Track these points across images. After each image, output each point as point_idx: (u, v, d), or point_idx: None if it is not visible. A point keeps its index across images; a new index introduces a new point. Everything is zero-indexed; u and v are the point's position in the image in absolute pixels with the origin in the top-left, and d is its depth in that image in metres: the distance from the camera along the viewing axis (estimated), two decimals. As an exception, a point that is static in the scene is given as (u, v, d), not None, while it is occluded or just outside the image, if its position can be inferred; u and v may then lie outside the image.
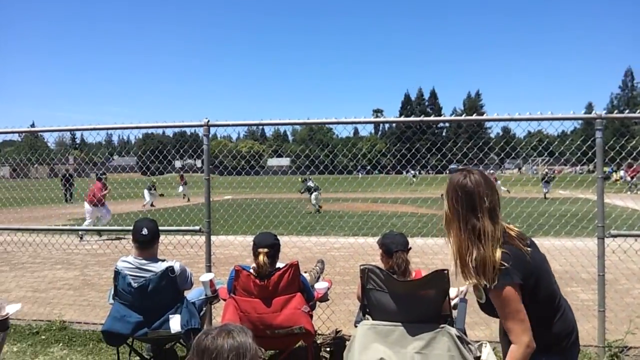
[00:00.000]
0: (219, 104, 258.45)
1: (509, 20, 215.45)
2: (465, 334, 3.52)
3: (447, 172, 7.94)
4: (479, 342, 3.59)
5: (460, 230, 2.15)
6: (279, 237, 4.02)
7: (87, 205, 13.19)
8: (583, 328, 5.06)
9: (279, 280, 3.79)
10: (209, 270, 5.12)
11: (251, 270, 3.85)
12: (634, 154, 6.05)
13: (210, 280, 4.26)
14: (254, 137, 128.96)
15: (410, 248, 3.66)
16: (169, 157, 8.31)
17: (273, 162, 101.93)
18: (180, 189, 26.83)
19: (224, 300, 4.07)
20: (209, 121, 5.13)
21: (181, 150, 7.89)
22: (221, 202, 22.60)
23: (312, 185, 20.06)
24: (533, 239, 2.35)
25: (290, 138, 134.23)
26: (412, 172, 28.93)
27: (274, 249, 3.89)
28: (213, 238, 5.47)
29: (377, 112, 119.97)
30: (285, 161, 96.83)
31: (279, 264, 3.96)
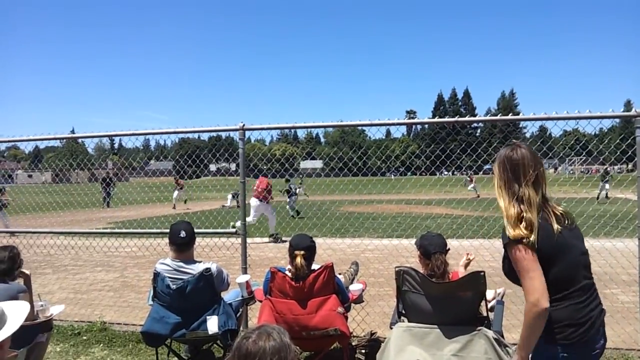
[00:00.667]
0: (252, 108, 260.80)
1: (543, 19, 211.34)
2: (502, 336, 3.48)
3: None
4: (516, 344, 3.55)
5: (507, 195, 2.36)
6: (318, 239, 4.05)
7: (254, 201, 12.83)
8: (624, 331, 4.95)
9: (314, 282, 3.82)
10: (244, 272, 5.19)
11: (287, 272, 3.90)
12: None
13: (247, 282, 4.32)
14: (287, 140, 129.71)
15: (449, 249, 3.64)
16: (206, 161, 8.45)
17: (306, 164, 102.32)
18: (176, 193, 24.97)
19: (260, 301, 4.12)
20: (244, 125, 5.21)
21: (217, 154, 8.01)
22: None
23: (292, 188, 19.49)
24: None
25: (323, 140, 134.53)
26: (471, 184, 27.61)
27: (310, 251, 3.93)
28: (248, 240, 5.54)
29: (410, 113, 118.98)
30: (318, 163, 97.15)
31: (314, 266, 3.99)
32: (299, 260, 3.80)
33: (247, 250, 5.35)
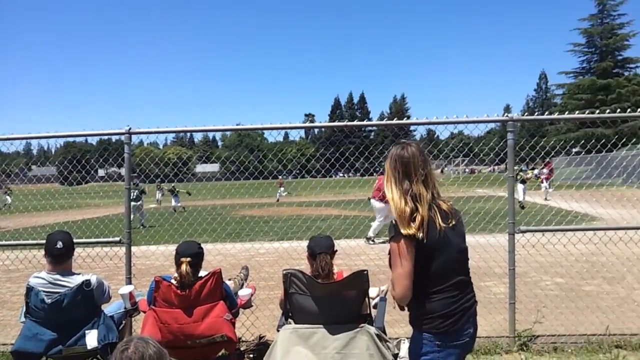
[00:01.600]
0: (143, 110, 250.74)
1: (432, 25, 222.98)
2: (384, 332, 3.63)
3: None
4: (397, 339, 3.72)
5: (398, 191, 2.43)
6: (203, 245, 3.99)
7: (376, 203, 11.91)
8: (495, 320, 5.36)
9: (201, 289, 3.76)
10: (129, 282, 5.00)
11: (172, 281, 3.80)
12: (542, 153, 6.43)
13: (130, 293, 4.16)
14: (182, 143, 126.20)
15: (336, 251, 3.72)
16: (89, 166, 8.02)
17: (201, 168, 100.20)
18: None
19: (144, 312, 3.99)
20: (130, 129, 5.02)
21: (102, 159, 7.62)
22: (145, 210, 21.99)
23: (174, 189, 22.69)
24: None
25: (220, 143, 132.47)
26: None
27: (197, 258, 3.86)
28: (134, 249, 5.34)
29: (309, 116, 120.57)
30: (214, 167, 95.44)
31: (202, 273, 3.93)
32: (184, 267, 3.72)
33: (131, 259, 5.15)
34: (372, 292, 3.89)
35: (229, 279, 4.66)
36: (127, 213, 5.18)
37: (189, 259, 3.77)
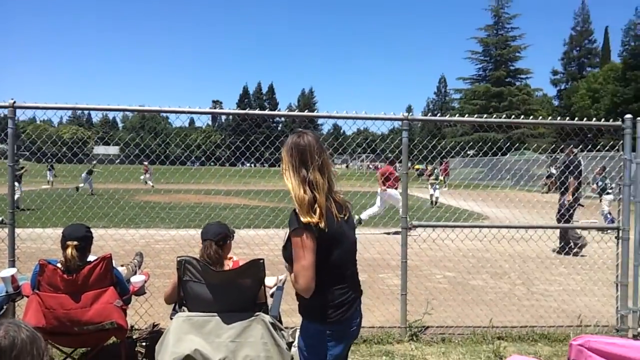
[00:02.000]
0: (36, 86, 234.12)
1: (344, 24, 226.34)
2: (280, 320, 3.67)
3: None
4: (293, 327, 3.77)
5: (295, 179, 2.44)
6: (98, 229, 3.82)
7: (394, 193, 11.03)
8: (388, 310, 5.58)
9: (90, 274, 3.60)
10: (12, 265, 4.68)
11: (58, 264, 3.62)
12: (443, 152, 6.74)
13: (12, 276, 3.90)
14: (79, 123, 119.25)
15: (227, 237, 3.67)
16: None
17: (100, 150, 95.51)
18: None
19: (28, 296, 3.76)
20: (14, 102, 4.68)
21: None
22: (38, 191, 20.68)
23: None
24: (355, 229, 2.68)
25: (120, 125, 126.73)
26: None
27: (85, 242, 3.70)
28: (21, 231, 5.01)
29: (216, 102, 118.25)
30: (113, 149, 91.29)
31: (92, 257, 3.77)
32: (69, 251, 3.54)
33: (15, 241, 4.82)
34: (270, 281, 3.91)
35: (122, 265, 4.50)
36: (10, 192, 4.85)
37: (75, 242, 3.60)
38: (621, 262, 5.30)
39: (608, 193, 13.24)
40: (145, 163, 26.55)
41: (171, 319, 3.59)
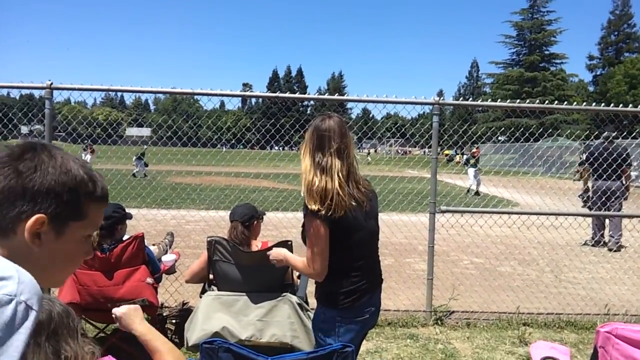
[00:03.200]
0: (73, 67, 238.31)
1: (375, 3, 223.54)
2: (306, 301, 3.73)
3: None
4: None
5: (309, 162, 2.43)
6: (133, 209, 3.92)
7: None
8: (414, 295, 5.61)
9: (122, 253, 3.71)
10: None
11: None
12: (474, 138, 6.68)
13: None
14: (112, 105, 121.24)
15: (254, 218, 3.74)
16: (15, 121, 7.60)
17: (132, 131, 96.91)
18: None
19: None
20: (52, 83, 4.80)
21: (29, 114, 7.22)
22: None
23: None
24: (383, 213, 2.65)
25: (152, 107, 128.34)
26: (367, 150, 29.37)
27: (112, 221, 3.80)
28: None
29: (246, 86, 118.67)
30: (145, 131, 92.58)
31: (125, 237, 3.88)
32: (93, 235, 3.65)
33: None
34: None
35: (153, 244, 4.62)
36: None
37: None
38: (654, 251, 5.20)
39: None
40: (90, 143, 25.74)
41: (200, 297, 3.68)
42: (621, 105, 5.60)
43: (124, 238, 3.83)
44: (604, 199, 7.82)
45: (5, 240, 1.07)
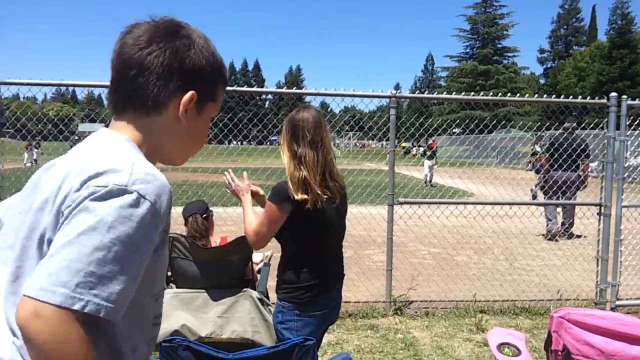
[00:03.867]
0: (20, 62, 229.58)
1: (328, 2, 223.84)
2: (267, 296, 3.72)
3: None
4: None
5: (288, 153, 2.45)
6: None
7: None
8: (373, 286, 5.66)
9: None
10: None
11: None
12: (430, 130, 6.77)
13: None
14: (64, 100, 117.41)
15: (210, 211, 3.72)
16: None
17: (85, 127, 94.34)
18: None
19: None
20: (-5, 79, 4.63)
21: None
22: (13, 170, 20.49)
23: None
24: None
25: (106, 102, 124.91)
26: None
27: None
28: None
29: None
30: (99, 127, 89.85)
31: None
32: None
33: None
34: (257, 257, 3.96)
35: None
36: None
37: None
38: (602, 237, 5.40)
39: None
40: (30, 140, 24.62)
41: (159, 295, 3.62)
42: (571, 97, 5.78)
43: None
44: (564, 188, 7.95)
45: (156, 115, 1.12)
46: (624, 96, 5.41)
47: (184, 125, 1.14)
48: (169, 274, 3.60)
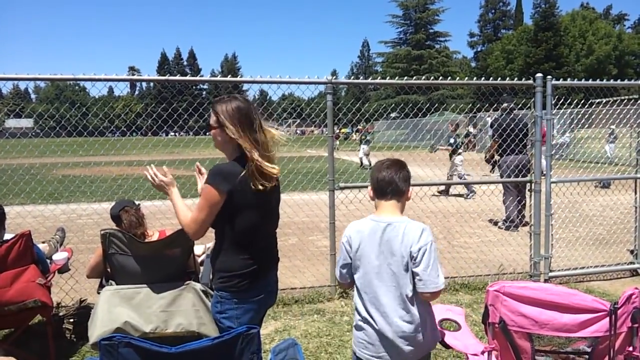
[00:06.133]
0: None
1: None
2: (211, 287, 3.67)
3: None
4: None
5: (249, 143, 2.40)
6: (17, 207, 3.65)
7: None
8: (318, 271, 5.72)
9: (7, 253, 3.45)
10: None
11: (-28, 245, 3.44)
12: (367, 115, 6.84)
13: None
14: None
15: (138, 206, 3.64)
16: None
17: (11, 123, 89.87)
18: None
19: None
20: None
21: None
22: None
23: None
24: (284, 194, 2.67)
25: (33, 96, 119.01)
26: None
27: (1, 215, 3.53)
28: None
29: (133, 70, 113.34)
30: (26, 122, 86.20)
31: (9, 236, 3.60)
32: None
33: None
34: (198, 249, 3.92)
35: (43, 242, 4.34)
36: None
37: None
38: (534, 213, 5.66)
39: (460, 153, 11.91)
40: None
41: (98, 293, 3.52)
42: (499, 78, 5.99)
43: (8, 237, 3.56)
44: (521, 171, 7.56)
45: None
46: (549, 77, 5.66)
47: None
48: (108, 270, 3.50)
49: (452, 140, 12.26)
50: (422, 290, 2.26)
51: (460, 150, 12.00)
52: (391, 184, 2.39)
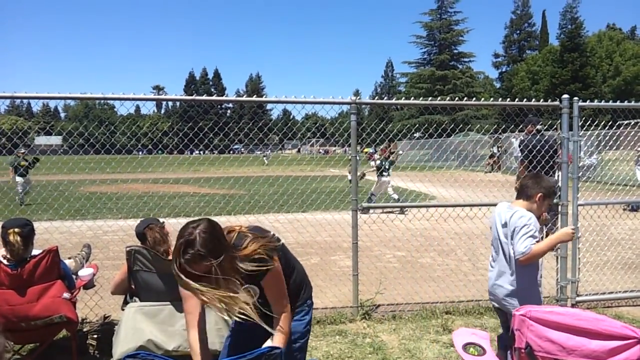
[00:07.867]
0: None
1: (291, 3, 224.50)
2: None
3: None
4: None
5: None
6: (45, 222, 3.72)
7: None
8: (340, 291, 5.68)
9: (35, 268, 3.51)
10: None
11: (1, 259, 3.50)
12: (391, 135, 6.84)
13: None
14: (19, 113, 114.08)
15: (162, 224, 3.68)
16: None
17: (41, 140, 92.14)
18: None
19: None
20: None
21: None
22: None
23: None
24: (307, 213, 2.69)
25: (62, 115, 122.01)
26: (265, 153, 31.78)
27: (26, 230, 3.59)
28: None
29: (158, 89, 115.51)
30: (55, 139, 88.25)
31: (36, 251, 3.67)
32: (12, 237, 3.44)
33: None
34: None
35: (69, 258, 4.40)
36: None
37: (17, 229, 3.50)
38: (560, 236, 5.55)
39: (386, 175, 12.35)
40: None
41: (122, 310, 3.55)
42: (525, 99, 5.94)
43: (35, 253, 3.62)
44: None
45: None
46: (575, 98, 5.60)
47: None
48: (133, 287, 3.54)
49: (376, 163, 12.72)
50: None
51: (385, 173, 12.33)
52: None
